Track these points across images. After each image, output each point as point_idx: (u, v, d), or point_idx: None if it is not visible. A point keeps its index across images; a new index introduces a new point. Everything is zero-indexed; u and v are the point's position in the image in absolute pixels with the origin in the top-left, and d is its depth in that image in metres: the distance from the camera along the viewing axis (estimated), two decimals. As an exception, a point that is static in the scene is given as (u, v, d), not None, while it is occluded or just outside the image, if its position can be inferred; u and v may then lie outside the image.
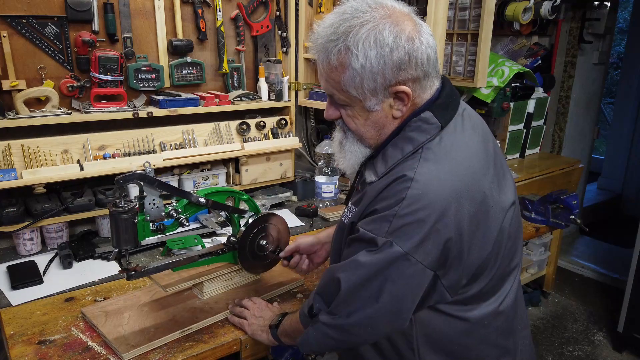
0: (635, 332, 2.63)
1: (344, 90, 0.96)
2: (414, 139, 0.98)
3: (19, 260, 1.64)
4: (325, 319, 1.02)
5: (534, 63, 2.82)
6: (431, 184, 0.92)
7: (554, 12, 2.50)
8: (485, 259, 0.99)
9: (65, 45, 1.75)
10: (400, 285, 0.93)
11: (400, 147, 0.99)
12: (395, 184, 0.94)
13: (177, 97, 1.93)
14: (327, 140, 2.21)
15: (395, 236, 0.91)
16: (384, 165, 1.00)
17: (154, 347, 1.19)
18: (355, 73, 0.93)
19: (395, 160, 0.98)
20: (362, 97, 0.96)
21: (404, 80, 0.94)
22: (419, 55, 0.93)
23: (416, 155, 0.96)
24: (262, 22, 2.18)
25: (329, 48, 0.94)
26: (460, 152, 0.98)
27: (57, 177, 1.66)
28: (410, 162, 0.96)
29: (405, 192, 0.91)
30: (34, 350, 1.18)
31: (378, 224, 0.93)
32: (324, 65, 0.97)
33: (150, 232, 1.22)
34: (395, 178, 0.94)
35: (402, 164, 0.97)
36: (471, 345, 1.08)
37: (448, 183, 0.93)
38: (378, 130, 1.02)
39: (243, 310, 1.31)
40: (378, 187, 0.97)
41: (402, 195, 0.91)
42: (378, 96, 0.96)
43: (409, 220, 0.90)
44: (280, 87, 2.18)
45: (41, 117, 1.65)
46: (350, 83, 0.94)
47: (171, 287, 1.29)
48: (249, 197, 1.44)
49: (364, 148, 1.05)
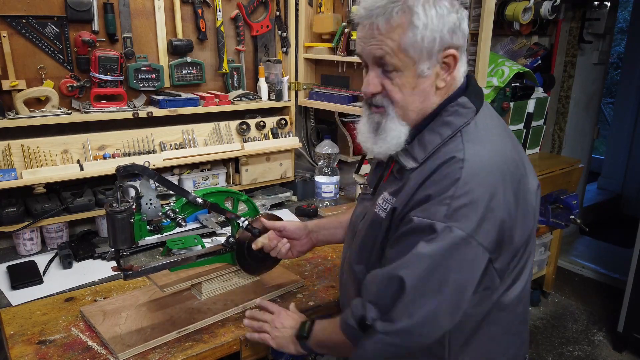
0: (635, 332, 2.63)
1: (402, 51, 0.94)
2: (452, 123, 0.99)
3: (18, 260, 1.64)
4: (385, 327, 0.95)
5: (534, 63, 2.81)
6: (481, 163, 0.94)
7: (554, 12, 2.50)
8: (524, 240, 1.00)
9: (65, 45, 1.75)
10: (463, 272, 0.92)
11: (438, 132, 0.99)
12: (446, 166, 0.93)
13: (177, 97, 1.93)
14: (327, 140, 2.21)
15: (454, 219, 0.90)
16: (423, 151, 0.99)
17: (150, 347, 1.19)
18: (417, 31, 0.93)
19: (435, 145, 0.98)
20: (418, 58, 0.95)
21: (455, 45, 0.97)
22: (463, 24, 0.97)
23: (456, 138, 0.97)
24: (262, 22, 2.18)
25: (389, 8, 0.93)
26: (495, 135, 1.01)
27: (57, 177, 1.66)
28: (452, 144, 0.96)
29: (459, 173, 0.91)
30: (34, 350, 1.18)
31: (434, 209, 0.91)
32: (382, 27, 0.94)
33: (147, 232, 1.22)
34: (444, 160, 0.94)
35: (442, 147, 0.97)
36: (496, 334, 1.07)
37: (495, 163, 0.95)
38: (422, 102, 1.00)
39: (262, 325, 1.23)
40: (424, 172, 0.96)
41: (456, 176, 0.91)
42: (432, 59, 0.96)
43: (465, 200, 0.90)
44: (280, 87, 2.18)
45: (41, 117, 1.66)
46: (411, 42, 0.93)
47: (169, 288, 1.29)
48: (248, 197, 1.44)
49: (404, 127, 1.02)
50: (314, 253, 1.74)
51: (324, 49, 2.22)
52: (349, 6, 2.13)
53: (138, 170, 1.16)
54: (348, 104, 2.16)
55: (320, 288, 1.50)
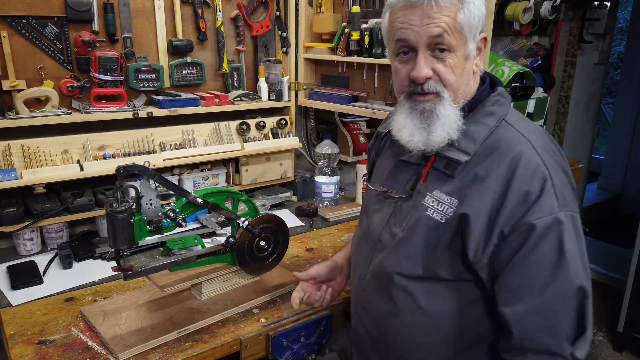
0: (635, 332, 2.63)
1: (458, 30, 0.93)
2: (495, 112, 0.99)
3: (19, 260, 1.64)
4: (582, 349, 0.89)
5: (534, 63, 2.81)
6: (545, 144, 0.96)
7: (554, 12, 2.50)
8: None
9: (65, 45, 1.75)
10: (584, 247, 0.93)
11: (484, 123, 0.98)
12: (524, 160, 0.91)
13: (177, 97, 1.93)
14: (327, 140, 2.21)
15: (564, 204, 0.89)
16: (473, 143, 0.97)
17: (150, 347, 1.19)
18: (470, 8, 0.93)
19: (483, 136, 0.97)
20: (468, 37, 0.94)
21: (483, 29, 0.98)
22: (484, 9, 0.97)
23: (505, 127, 0.97)
24: (262, 22, 2.18)
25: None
26: (526, 120, 1.03)
27: (57, 177, 1.66)
28: (506, 133, 0.96)
29: (538, 159, 0.92)
30: (34, 350, 1.18)
31: (546, 205, 0.88)
32: (441, 3, 0.91)
33: (147, 232, 1.22)
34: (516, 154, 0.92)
35: (492, 138, 0.96)
36: None
37: (547, 138, 0.99)
38: (467, 85, 0.99)
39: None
40: (502, 172, 0.92)
41: (540, 164, 0.91)
42: (475, 40, 0.96)
43: (559, 182, 0.91)
44: (280, 87, 2.18)
45: (41, 117, 1.66)
46: (466, 19, 0.93)
47: (169, 288, 1.29)
48: (248, 197, 1.44)
49: (457, 111, 0.97)
50: (314, 253, 1.74)
51: (324, 49, 2.22)
52: (349, 6, 2.13)
53: (138, 170, 1.16)
54: (348, 104, 2.16)
55: (320, 288, 1.49)
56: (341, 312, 1.43)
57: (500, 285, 0.93)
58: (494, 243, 0.91)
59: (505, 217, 0.90)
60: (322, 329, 1.37)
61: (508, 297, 0.92)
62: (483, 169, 0.94)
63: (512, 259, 0.90)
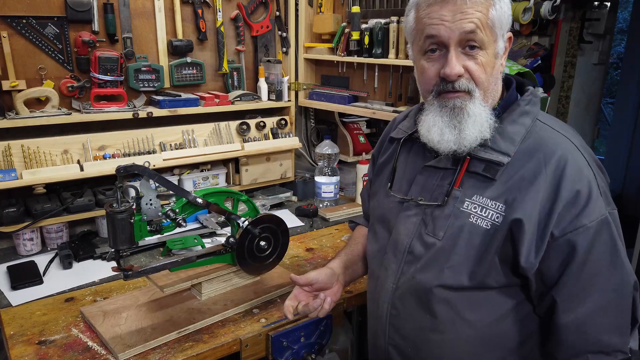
0: (635, 332, 2.62)
1: (489, 26, 0.92)
2: (530, 112, 0.98)
3: (19, 260, 1.64)
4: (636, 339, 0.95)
5: (534, 63, 2.81)
6: (584, 145, 0.97)
7: (554, 12, 2.50)
8: None
9: (65, 46, 1.75)
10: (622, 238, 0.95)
11: (521, 122, 0.97)
12: (571, 160, 0.91)
13: (177, 97, 1.93)
14: (327, 141, 2.20)
15: (609, 203, 0.92)
16: (512, 143, 0.95)
17: (150, 347, 1.19)
18: (499, 5, 0.92)
19: (521, 136, 0.95)
20: (498, 35, 0.93)
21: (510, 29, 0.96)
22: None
23: (541, 126, 0.97)
24: (262, 22, 2.18)
25: None
26: (555, 118, 1.02)
27: (57, 177, 1.66)
28: (543, 133, 0.96)
29: (582, 158, 0.92)
30: (34, 351, 1.18)
31: (597, 205, 0.89)
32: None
33: (147, 232, 1.22)
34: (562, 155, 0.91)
35: (531, 137, 0.95)
36: None
37: (580, 140, 0.98)
38: (495, 84, 0.98)
39: None
40: (550, 173, 0.90)
41: (584, 163, 0.92)
42: (503, 38, 0.95)
43: (602, 182, 0.93)
44: (280, 87, 2.18)
45: (41, 118, 1.66)
46: (497, 16, 0.92)
47: (169, 288, 1.29)
48: (248, 197, 1.44)
49: (488, 110, 0.96)
50: (314, 253, 1.74)
51: (324, 49, 2.22)
52: (349, 6, 2.13)
53: (138, 170, 1.16)
54: (348, 104, 2.16)
55: (320, 288, 1.49)
56: (341, 312, 1.43)
57: (560, 292, 0.91)
58: (546, 246, 0.90)
59: (556, 219, 0.89)
60: (322, 329, 1.37)
61: (569, 303, 0.90)
62: (529, 170, 0.92)
63: (570, 263, 0.89)
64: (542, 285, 0.94)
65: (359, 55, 2.07)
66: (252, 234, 1.36)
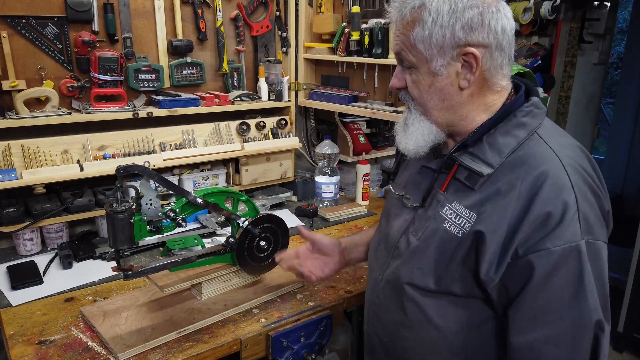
0: (635, 332, 2.63)
1: (412, 46, 0.93)
2: (527, 124, 0.94)
3: (19, 260, 1.64)
4: None
5: (534, 63, 2.81)
6: (576, 163, 0.90)
7: (554, 12, 2.50)
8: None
9: (65, 46, 1.75)
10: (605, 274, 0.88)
11: (513, 134, 0.94)
12: (551, 179, 0.86)
13: (177, 97, 1.93)
14: (327, 141, 2.21)
15: (588, 232, 0.84)
16: (498, 155, 0.93)
17: (150, 347, 1.19)
18: (426, 27, 0.91)
19: (511, 148, 0.92)
20: (429, 55, 0.92)
21: (475, 44, 0.90)
22: (492, 21, 0.90)
23: (537, 141, 0.92)
24: (262, 22, 2.18)
25: (404, 4, 0.94)
26: (561, 134, 0.98)
27: (57, 177, 1.66)
28: (537, 148, 0.91)
29: (566, 180, 0.86)
30: (34, 351, 1.18)
31: (567, 231, 0.83)
32: (398, 23, 0.95)
33: (147, 232, 1.22)
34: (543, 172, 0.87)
35: (520, 151, 0.92)
36: None
37: (580, 157, 0.93)
38: (442, 100, 0.95)
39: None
40: (524, 189, 0.87)
41: (567, 185, 0.86)
42: (445, 56, 0.91)
43: (586, 208, 0.85)
44: (280, 87, 2.18)
45: (41, 117, 1.66)
46: (419, 37, 0.91)
47: (169, 288, 1.29)
48: (248, 197, 1.44)
49: (429, 124, 0.98)
50: (314, 253, 1.74)
51: (324, 49, 2.22)
52: (349, 6, 2.13)
53: (138, 170, 1.16)
54: (348, 104, 2.16)
55: (320, 288, 1.50)
56: (341, 312, 1.43)
57: (514, 312, 0.89)
58: (507, 262, 0.88)
59: (522, 238, 0.86)
60: (322, 329, 1.37)
61: (521, 325, 0.88)
62: (505, 183, 0.90)
63: (527, 284, 0.86)
64: (501, 302, 0.92)
65: (359, 55, 2.07)
66: (252, 234, 1.36)
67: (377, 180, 2.54)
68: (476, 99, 0.95)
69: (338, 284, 1.52)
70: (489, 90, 0.96)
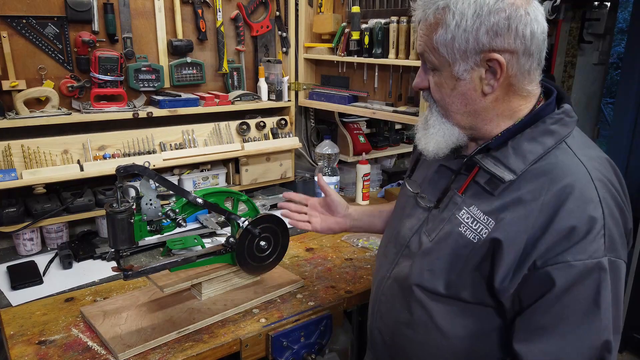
0: (635, 332, 2.63)
1: (435, 49, 0.90)
2: (555, 132, 0.90)
3: (19, 260, 1.65)
4: None
5: (534, 63, 2.81)
6: (604, 176, 0.87)
7: (553, 12, 2.50)
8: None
9: (65, 46, 1.75)
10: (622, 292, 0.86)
11: (540, 141, 0.90)
12: (578, 191, 0.83)
13: (177, 97, 1.93)
14: (327, 141, 2.21)
15: (612, 250, 0.82)
16: (522, 162, 0.89)
17: (150, 347, 1.19)
18: (449, 30, 0.87)
19: (537, 155, 0.88)
20: (451, 59, 0.89)
21: (500, 49, 0.86)
22: (520, 25, 0.85)
23: (564, 150, 0.89)
24: (262, 22, 2.18)
25: (429, 4, 0.91)
26: (590, 145, 0.94)
27: (57, 177, 1.66)
28: (564, 157, 0.88)
29: (595, 193, 0.83)
30: (34, 351, 1.18)
31: (591, 247, 0.80)
32: (422, 23, 0.93)
33: (147, 232, 1.22)
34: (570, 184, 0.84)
35: (545, 159, 0.88)
36: None
37: (608, 170, 0.90)
38: (465, 105, 0.92)
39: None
40: (548, 200, 0.84)
41: (595, 199, 0.83)
42: (468, 61, 0.88)
43: (613, 223, 0.83)
44: (280, 87, 2.19)
45: (41, 117, 1.66)
46: (442, 41, 0.89)
47: (168, 288, 1.29)
48: (248, 197, 1.44)
49: (450, 126, 0.96)
50: (314, 253, 1.74)
51: (324, 49, 2.22)
52: (349, 6, 2.13)
53: (138, 170, 1.16)
54: (348, 104, 2.16)
55: (320, 288, 1.50)
56: (341, 312, 1.44)
57: (524, 320, 0.87)
58: (524, 274, 0.85)
59: (542, 250, 0.83)
60: (322, 329, 1.37)
61: (528, 333, 0.86)
62: (528, 192, 0.87)
63: (543, 296, 0.83)
64: (514, 310, 0.90)
65: (359, 55, 2.07)
66: (252, 234, 1.36)
67: (377, 180, 2.54)
68: (501, 104, 0.92)
69: (338, 284, 1.52)
70: (515, 96, 0.92)
